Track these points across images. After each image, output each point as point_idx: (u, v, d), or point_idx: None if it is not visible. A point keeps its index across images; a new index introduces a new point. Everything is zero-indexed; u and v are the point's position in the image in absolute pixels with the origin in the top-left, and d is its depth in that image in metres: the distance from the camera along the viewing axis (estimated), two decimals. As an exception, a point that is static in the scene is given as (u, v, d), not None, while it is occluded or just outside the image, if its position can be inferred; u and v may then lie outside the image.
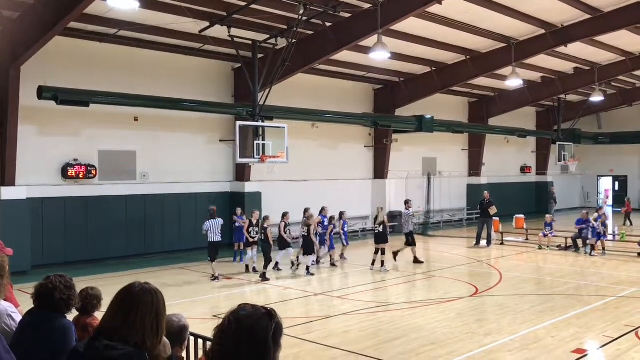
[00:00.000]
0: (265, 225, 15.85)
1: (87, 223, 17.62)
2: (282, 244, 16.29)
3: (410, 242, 17.58)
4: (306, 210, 16.91)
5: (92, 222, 17.68)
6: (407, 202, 18.50)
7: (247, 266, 16.36)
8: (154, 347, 2.56)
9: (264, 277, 15.03)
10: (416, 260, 17.38)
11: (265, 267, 15.19)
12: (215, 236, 15.21)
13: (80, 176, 17.37)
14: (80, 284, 4.85)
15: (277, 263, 16.25)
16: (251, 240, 16.29)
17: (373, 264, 16.60)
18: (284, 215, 16.67)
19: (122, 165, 18.58)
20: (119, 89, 17.17)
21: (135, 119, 18.65)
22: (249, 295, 13.56)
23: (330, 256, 17.75)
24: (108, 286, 5.34)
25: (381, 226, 16.69)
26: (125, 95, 17.15)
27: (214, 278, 14.94)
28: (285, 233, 16.32)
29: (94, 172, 17.65)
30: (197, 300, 12.84)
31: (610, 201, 39.24)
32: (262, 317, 2.15)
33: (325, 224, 17.79)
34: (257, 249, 16.39)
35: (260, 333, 2.12)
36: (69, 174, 17.17)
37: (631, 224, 28.09)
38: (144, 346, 2.51)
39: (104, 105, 17.10)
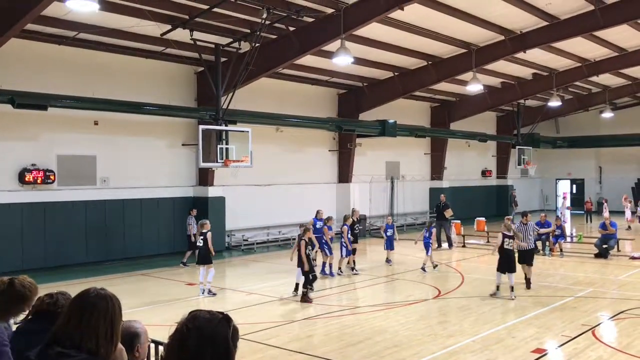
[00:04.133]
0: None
1: (46, 229, 17.21)
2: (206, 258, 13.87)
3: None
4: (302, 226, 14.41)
5: (50, 229, 17.28)
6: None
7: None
8: (108, 354, 2.51)
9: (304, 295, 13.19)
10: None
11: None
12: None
13: (38, 181, 16.96)
14: (40, 291, 4.74)
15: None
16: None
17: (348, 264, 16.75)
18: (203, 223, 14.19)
19: (81, 170, 18.22)
20: (78, 93, 16.86)
21: (96, 123, 18.32)
22: (211, 302, 13.41)
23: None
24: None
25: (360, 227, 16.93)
26: (85, 98, 16.85)
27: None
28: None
29: (52, 177, 17.25)
30: (159, 307, 12.66)
31: (568, 203, 40.23)
32: (220, 323, 2.14)
33: (317, 227, 17.44)
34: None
35: (220, 338, 2.12)
36: (27, 179, 16.75)
37: (591, 222, 29.10)
38: (97, 353, 2.46)
39: (63, 109, 16.76)
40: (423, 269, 16.73)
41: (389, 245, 17.96)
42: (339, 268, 16.55)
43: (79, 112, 17.36)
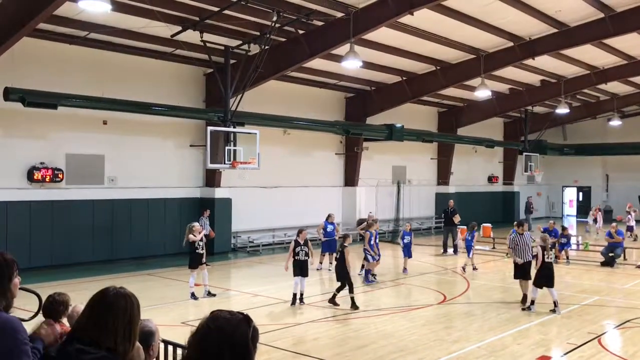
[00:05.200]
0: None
1: (53, 228, 17.30)
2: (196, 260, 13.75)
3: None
4: (300, 231, 13.49)
5: (58, 227, 17.37)
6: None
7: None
8: (126, 352, 2.55)
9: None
10: None
11: None
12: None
13: (47, 180, 17.07)
14: (46, 289, 4.79)
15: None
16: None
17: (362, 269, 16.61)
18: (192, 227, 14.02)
19: (89, 169, 18.31)
20: (88, 92, 16.95)
21: (104, 123, 18.42)
22: (217, 303, 13.45)
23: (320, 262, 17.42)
24: (73, 292, 5.28)
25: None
26: (94, 98, 16.93)
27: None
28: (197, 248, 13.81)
29: (60, 175, 17.35)
30: (166, 307, 12.70)
31: (574, 211, 40.12)
32: (240, 323, 2.17)
33: (329, 230, 17.64)
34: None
35: (241, 339, 2.15)
36: (35, 177, 16.85)
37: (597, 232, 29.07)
38: (116, 351, 2.50)
39: (73, 108, 16.86)
40: (463, 269, 17.57)
41: (407, 253, 17.54)
42: (373, 275, 16.08)
43: (88, 112, 17.46)
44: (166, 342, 5.72)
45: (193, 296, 13.47)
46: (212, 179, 20.93)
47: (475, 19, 18.45)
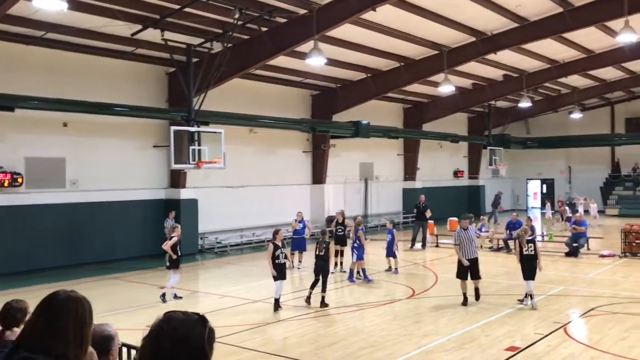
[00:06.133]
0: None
1: (13, 234, 16.81)
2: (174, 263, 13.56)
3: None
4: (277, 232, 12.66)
5: (17, 233, 16.89)
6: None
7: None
8: (78, 358, 2.42)
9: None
10: None
11: None
12: None
13: (5, 184, 16.56)
14: (5, 297, 4.61)
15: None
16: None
17: (335, 266, 16.54)
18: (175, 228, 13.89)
19: (50, 172, 17.85)
20: (46, 94, 16.52)
21: (64, 125, 17.99)
22: (185, 305, 13.25)
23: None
24: (34, 299, 5.08)
25: (344, 229, 16.70)
26: (53, 100, 16.52)
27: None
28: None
29: (20, 179, 16.86)
30: (132, 311, 12.45)
31: (538, 203, 40.83)
32: (196, 324, 2.07)
33: (298, 228, 17.51)
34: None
35: (196, 340, 2.05)
36: (-7, 182, 16.35)
37: (563, 221, 29.79)
38: (66, 357, 2.36)
39: (31, 110, 16.40)
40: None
41: (390, 252, 16.81)
42: (358, 272, 15.85)
43: (48, 114, 17.02)
44: (129, 347, 5.56)
45: (175, 297, 13.37)
46: (177, 179, 20.63)
47: (437, 14, 18.56)
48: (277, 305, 12.18)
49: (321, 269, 12.67)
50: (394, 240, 16.80)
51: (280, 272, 12.14)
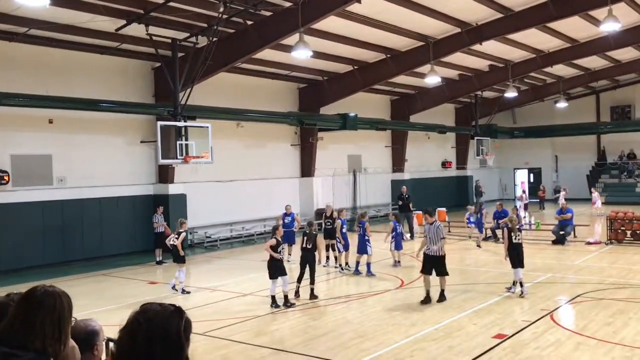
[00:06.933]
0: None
1: (0, 232, 16.70)
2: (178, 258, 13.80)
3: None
4: (277, 228, 12.57)
5: (5, 231, 16.78)
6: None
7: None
8: (57, 353, 2.44)
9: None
10: None
11: None
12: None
13: (-9, 182, 16.46)
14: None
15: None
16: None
17: (327, 260, 16.59)
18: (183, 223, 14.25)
19: (37, 170, 17.74)
20: (31, 90, 16.41)
21: (50, 121, 17.87)
22: (173, 299, 13.27)
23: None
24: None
25: (332, 222, 16.65)
26: (38, 96, 16.42)
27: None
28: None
29: (6, 177, 16.74)
30: (122, 307, 12.45)
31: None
32: (172, 315, 2.11)
33: (287, 222, 17.45)
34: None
35: (172, 331, 2.08)
36: (-21, 180, 16.24)
37: (544, 209, 30.30)
38: (45, 352, 2.39)
39: (16, 108, 16.29)
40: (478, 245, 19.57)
41: (398, 246, 16.64)
42: (346, 263, 15.96)
43: (33, 111, 16.90)
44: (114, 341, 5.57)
45: (184, 291, 13.55)
46: (165, 175, 20.57)
47: (422, 5, 18.60)
48: (287, 301, 11.92)
49: (307, 261, 12.69)
50: (401, 232, 16.97)
51: (280, 269, 11.94)
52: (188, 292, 13.66)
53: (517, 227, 12.58)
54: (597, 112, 38.63)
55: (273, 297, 11.91)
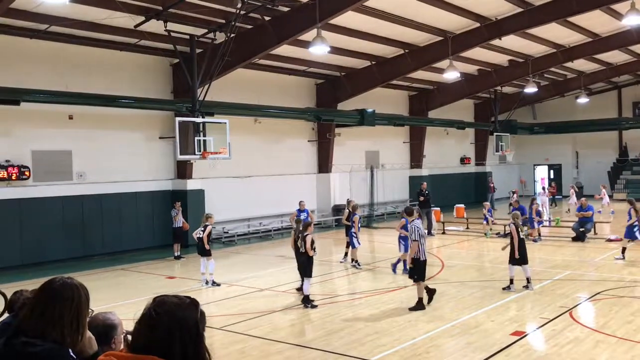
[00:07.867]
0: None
1: (22, 226, 16.96)
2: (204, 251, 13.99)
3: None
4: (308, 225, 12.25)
5: (27, 225, 17.03)
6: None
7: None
8: (74, 343, 2.48)
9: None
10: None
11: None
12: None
13: (13, 177, 16.69)
14: (15, 289, 4.66)
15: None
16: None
17: (345, 256, 16.54)
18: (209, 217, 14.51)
19: (57, 165, 17.96)
20: (51, 87, 16.61)
21: (70, 117, 18.07)
22: (195, 293, 13.35)
23: None
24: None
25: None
26: (58, 93, 16.62)
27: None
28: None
29: (27, 173, 17.00)
30: (139, 301, 12.56)
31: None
32: (189, 306, 2.13)
33: (301, 218, 17.31)
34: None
35: (191, 322, 2.11)
36: (1, 175, 16.47)
37: (555, 205, 30.56)
38: (63, 342, 2.43)
39: (37, 104, 16.49)
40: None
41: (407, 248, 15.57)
42: (356, 260, 15.86)
43: (53, 107, 17.11)
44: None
45: (214, 283, 13.81)
46: (183, 170, 20.70)
47: (441, 0, 18.45)
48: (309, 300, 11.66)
49: (301, 267, 11.88)
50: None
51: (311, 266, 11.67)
52: (218, 285, 13.83)
53: (522, 222, 12.74)
54: (619, 108, 38.09)
55: (307, 297, 11.59)
